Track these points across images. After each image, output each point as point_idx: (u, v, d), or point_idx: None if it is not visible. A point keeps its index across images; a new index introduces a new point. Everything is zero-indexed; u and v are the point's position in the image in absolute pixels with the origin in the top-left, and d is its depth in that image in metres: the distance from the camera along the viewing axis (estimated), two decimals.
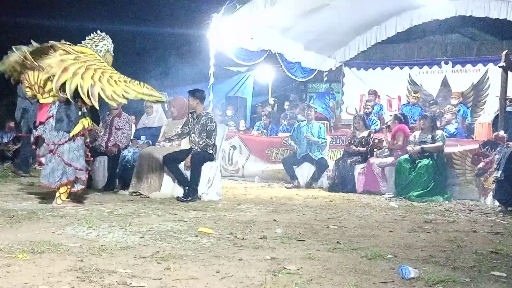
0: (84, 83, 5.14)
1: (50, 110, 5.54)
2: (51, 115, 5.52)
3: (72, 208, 5.49)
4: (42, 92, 5.54)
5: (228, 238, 4.20)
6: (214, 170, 7.03)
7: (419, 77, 12.86)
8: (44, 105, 5.59)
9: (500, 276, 3.25)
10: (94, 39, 5.78)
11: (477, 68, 12.16)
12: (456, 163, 7.92)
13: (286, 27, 10.87)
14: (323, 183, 9.00)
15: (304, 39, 11.78)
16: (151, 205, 6.00)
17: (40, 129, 5.58)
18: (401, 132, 8.32)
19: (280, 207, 6.34)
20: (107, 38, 5.89)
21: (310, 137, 9.05)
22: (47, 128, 5.53)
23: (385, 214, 6.04)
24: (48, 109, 5.55)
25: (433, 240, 4.41)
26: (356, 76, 13.57)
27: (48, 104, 5.56)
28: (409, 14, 12.00)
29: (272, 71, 14.63)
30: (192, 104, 7.03)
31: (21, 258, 3.26)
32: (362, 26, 12.46)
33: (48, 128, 5.53)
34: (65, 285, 2.75)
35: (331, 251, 3.82)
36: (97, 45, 5.72)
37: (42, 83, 5.46)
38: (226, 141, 9.38)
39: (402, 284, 3.02)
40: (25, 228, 4.29)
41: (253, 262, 3.39)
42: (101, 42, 5.79)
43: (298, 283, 2.94)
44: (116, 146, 7.45)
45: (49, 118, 5.53)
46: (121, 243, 3.84)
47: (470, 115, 11.10)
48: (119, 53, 6.23)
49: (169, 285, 2.84)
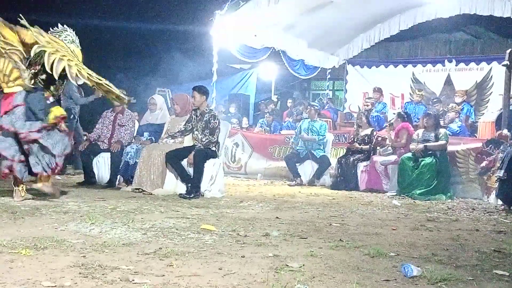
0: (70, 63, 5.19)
1: (15, 99, 5.42)
2: (18, 104, 5.39)
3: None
4: (7, 80, 5.42)
5: (231, 235, 4.21)
6: (217, 167, 7.04)
7: (423, 75, 12.83)
8: (9, 95, 5.44)
9: (502, 275, 3.24)
10: (54, 33, 5.69)
11: (481, 67, 12.12)
12: (459, 162, 7.91)
13: (289, 24, 10.86)
14: (326, 181, 9.00)
15: (308, 36, 11.76)
16: (153, 202, 6.00)
17: (5, 118, 5.42)
18: (404, 130, 8.31)
19: (283, 204, 6.34)
20: (69, 30, 5.78)
21: (304, 136, 9.08)
22: (13, 117, 5.39)
23: (387, 212, 6.03)
24: (13, 99, 5.42)
25: (436, 239, 4.41)
26: (360, 74, 13.55)
27: (13, 93, 5.43)
28: (413, 12, 11.95)
29: (275, 69, 14.63)
30: (200, 100, 7.04)
31: (24, 254, 3.27)
32: (366, 23, 12.43)
33: (15, 117, 5.39)
34: (68, 281, 2.75)
35: (333, 248, 3.82)
36: (60, 36, 5.65)
37: (8, 71, 5.36)
38: (229, 138, 9.39)
39: (405, 282, 3.02)
40: (28, 224, 4.30)
41: (256, 259, 3.39)
42: (63, 34, 5.70)
43: (301, 280, 2.94)
44: (119, 143, 7.46)
45: (15, 107, 5.39)
46: (123, 239, 3.84)
47: (473, 113, 11.07)
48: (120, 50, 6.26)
49: (171, 281, 2.84)
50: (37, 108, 5.45)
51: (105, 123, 7.68)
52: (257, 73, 15.90)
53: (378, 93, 11.62)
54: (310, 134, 9.13)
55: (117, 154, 7.40)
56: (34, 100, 5.45)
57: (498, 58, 10.60)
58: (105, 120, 7.71)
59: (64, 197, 5.95)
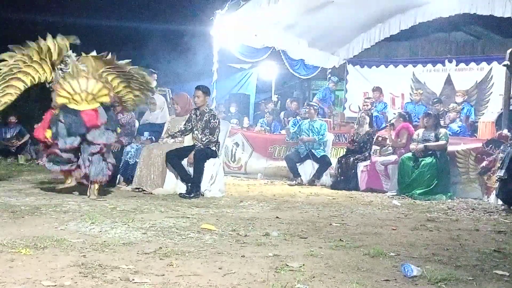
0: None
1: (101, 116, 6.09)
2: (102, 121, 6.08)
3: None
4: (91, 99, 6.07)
5: (231, 234, 4.21)
6: (217, 167, 7.04)
7: (423, 75, 12.80)
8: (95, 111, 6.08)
9: (502, 275, 3.25)
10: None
11: (481, 67, 12.09)
12: (459, 162, 7.90)
13: (290, 24, 10.85)
14: (326, 181, 9.00)
15: (308, 36, 11.75)
16: (154, 201, 6.01)
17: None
18: (404, 130, 8.31)
19: (283, 204, 6.34)
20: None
21: (304, 139, 9.09)
22: (97, 131, 6.06)
23: (387, 212, 6.04)
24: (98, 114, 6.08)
25: (436, 239, 4.41)
26: (360, 73, 13.52)
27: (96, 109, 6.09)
28: (413, 11, 11.93)
29: (276, 68, 14.61)
30: (203, 100, 7.07)
31: (24, 253, 3.27)
32: (366, 23, 12.41)
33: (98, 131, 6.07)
34: (68, 281, 2.76)
35: (333, 248, 3.82)
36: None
37: (90, 90, 6.00)
38: (229, 138, 9.38)
39: (405, 282, 3.02)
40: (28, 224, 4.31)
41: (256, 259, 3.39)
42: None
43: (301, 280, 2.94)
44: (119, 142, 7.44)
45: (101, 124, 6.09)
46: (123, 239, 3.85)
47: (473, 113, 11.07)
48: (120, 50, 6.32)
49: (171, 281, 2.84)
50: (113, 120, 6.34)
51: None
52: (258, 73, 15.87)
53: (378, 92, 11.60)
54: (311, 134, 9.13)
55: (117, 153, 7.39)
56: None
57: (499, 58, 10.59)
58: None
59: (64, 197, 5.95)
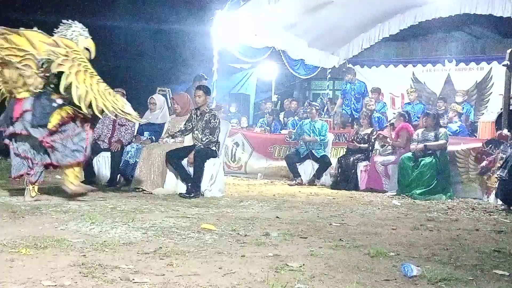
0: (97, 97, 5.36)
1: (24, 105, 5.49)
2: (26, 109, 5.47)
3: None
4: (16, 87, 5.50)
5: (231, 234, 4.21)
6: (217, 167, 7.04)
7: (423, 75, 12.82)
8: (19, 100, 5.53)
9: (502, 275, 3.25)
10: (62, 31, 5.68)
11: (481, 66, 12.11)
12: (459, 162, 7.90)
13: (290, 24, 10.85)
14: (326, 181, 9.01)
15: (308, 36, 11.75)
16: (154, 201, 6.01)
17: (17, 124, 5.52)
18: (404, 130, 8.31)
19: (283, 204, 6.34)
20: (74, 23, 5.77)
21: (306, 138, 9.09)
22: (25, 123, 5.47)
23: (387, 212, 6.04)
24: (22, 104, 5.49)
25: (436, 238, 4.41)
26: (360, 73, 13.53)
27: (22, 99, 5.51)
28: (413, 11, 11.94)
29: (276, 68, 14.61)
30: (204, 99, 7.09)
31: (24, 253, 3.27)
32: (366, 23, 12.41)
33: (26, 123, 5.47)
34: (68, 281, 2.76)
35: (333, 248, 3.82)
36: (65, 35, 5.65)
37: (15, 78, 5.43)
38: (229, 138, 9.38)
39: (405, 282, 3.02)
40: (28, 223, 4.31)
41: (256, 259, 3.39)
42: (69, 30, 5.69)
43: (301, 280, 2.94)
44: (119, 142, 7.46)
45: (24, 112, 5.47)
46: (124, 239, 3.85)
47: (472, 113, 11.08)
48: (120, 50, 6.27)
49: (171, 281, 2.84)
50: (45, 111, 5.51)
51: (106, 122, 7.67)
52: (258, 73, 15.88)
53: (376, 93, 11.62)
54: (312, 135, 9.14)
55: (117, 153, 7.39)
56: (41, 105, 5.51)
57: (498, 58, 10.60)
58: (105, 120, 7.68)
59: (64, 196, 5.95)
